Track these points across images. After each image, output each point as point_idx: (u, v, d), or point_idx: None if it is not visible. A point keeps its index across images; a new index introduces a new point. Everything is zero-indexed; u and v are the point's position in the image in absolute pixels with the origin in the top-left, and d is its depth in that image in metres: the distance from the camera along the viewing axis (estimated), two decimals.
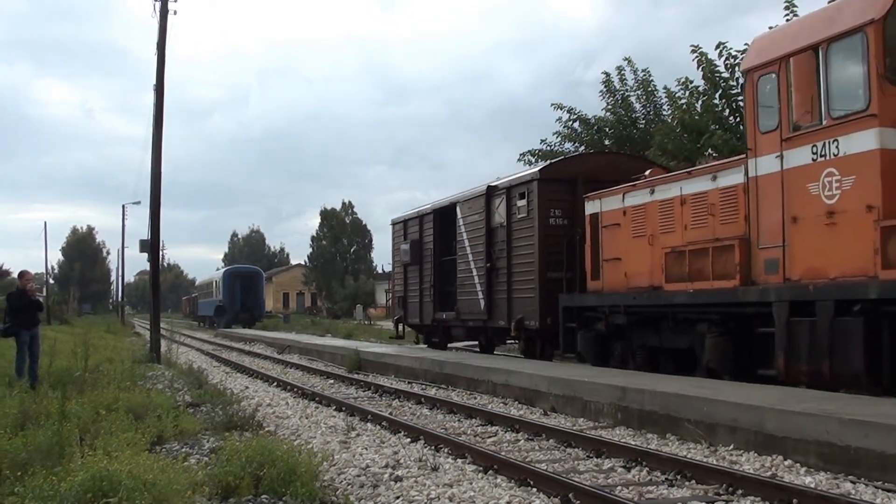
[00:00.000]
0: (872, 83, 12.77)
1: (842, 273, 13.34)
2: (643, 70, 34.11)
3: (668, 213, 17.98)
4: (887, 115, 12.67)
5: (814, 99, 13.97)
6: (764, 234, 14.97)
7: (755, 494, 9.03)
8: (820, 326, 13.39)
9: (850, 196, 13.14)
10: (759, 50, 15.47)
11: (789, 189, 14.30)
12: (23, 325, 19.90)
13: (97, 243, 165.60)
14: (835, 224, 13.43)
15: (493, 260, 24.93)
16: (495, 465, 10.89)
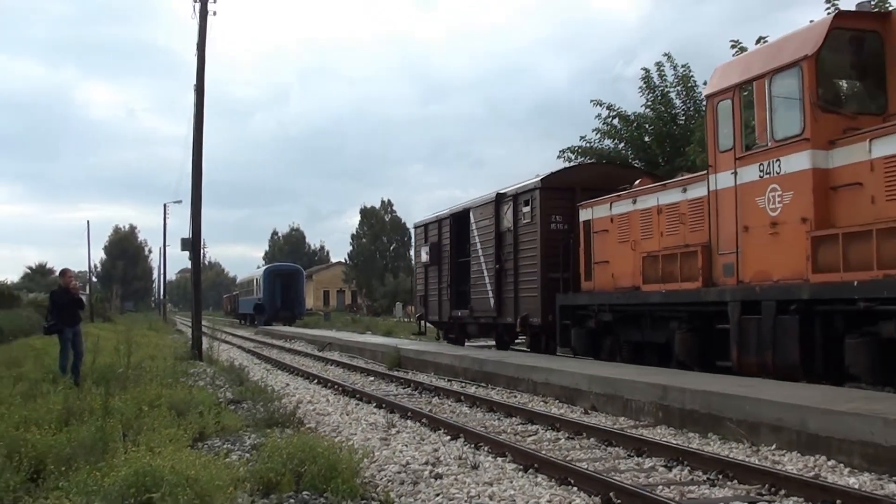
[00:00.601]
0: (807, 110, 14.81)
1: (782, 276, 15.40)
2: (683, 66, 33.95)
3: (647, 221, 20.03)
4: (819, 139, 14.64)
5: (761, 123, 16.04)
6: (722, 241, 17.01)
7: (798, 495, 8.97)
8: (764, 323, 15.40)
9: (789, 209, 15.24)
10: (718, 78, 17.47)
11: (742, 202, 16.38)
12: (66, 323, 20.05)
13: (139, 242, 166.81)
14: (777, 233, 15.56)
15: (501, 261, 26.90)
16: (535, 463, 10.88)
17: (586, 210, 22.73)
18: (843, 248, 13.96)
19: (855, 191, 14.21)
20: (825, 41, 14.83)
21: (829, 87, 15.73)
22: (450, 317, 31.88)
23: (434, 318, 33.97)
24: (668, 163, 32.62)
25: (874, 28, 15.37)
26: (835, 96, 15.96)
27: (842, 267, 13.94)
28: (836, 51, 15.54)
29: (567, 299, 22.97)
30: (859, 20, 15.55)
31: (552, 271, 23.92)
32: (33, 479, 9.33)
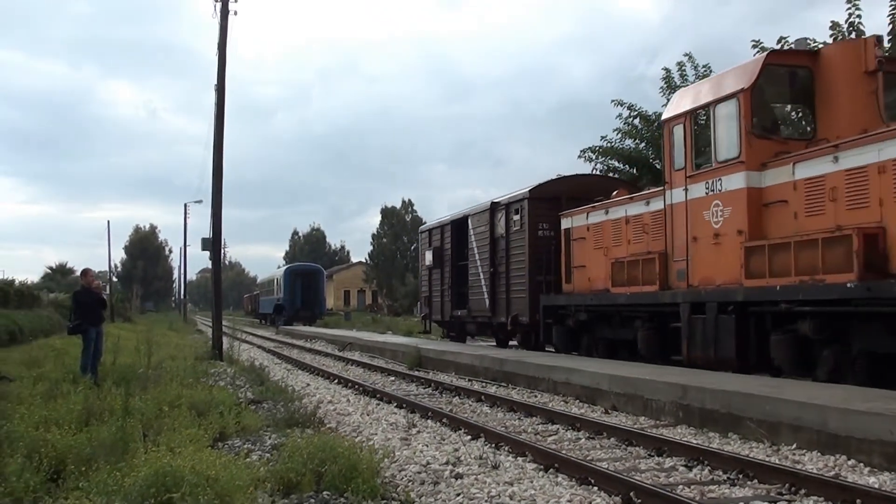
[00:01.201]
0: (743, 136, 17.00)
1: (723, 281, 17.58)
2: (703, 66, 33.85)
3: (617, 230, 22.36)
4: (753, 162, 16.85)
5: (707, 146, 18.27)
6: (676, 249, 19.18)
7: (818, 494, 8.95)
8: (708, 322, 17.61)
9: (728, 222, 17.47)
10: (673, 104, 19.73)
11: (691, 215, 18.60)
12: (90, 323, 20.14)
13: (159, 241, 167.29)
14: (719, 243, 17.74)
15: (495, 265, 29.49)
16: (556, 463, 10.87)
17: (567, 219, 25.14)
18: (769, 257, 15.99)
19: (781, 207, 16.34)
20: (759, 76, 16.98)
21: (764, 115, 17.82)
22: (451, 316, 34.71)
23: (437, 317, 36.76)
24: None
25: (805, 64, 17.46)
26: (771, 123, 18.24)
27: (768, 273, 16.01)
28: (770, 84, 17.78)
29: (549, 300, 25.33)
30: (791, 57, 18.20)
31: (539, 274, 26.20)
32: (53, 479, 9.35)
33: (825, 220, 15.21)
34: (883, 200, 14.15)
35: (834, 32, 26.00)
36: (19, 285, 55.07)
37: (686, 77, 33.74)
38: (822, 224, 15.21)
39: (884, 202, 14.13)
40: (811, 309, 15.13)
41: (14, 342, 35.64)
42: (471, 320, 32.98)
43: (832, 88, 16.98)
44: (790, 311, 15.54)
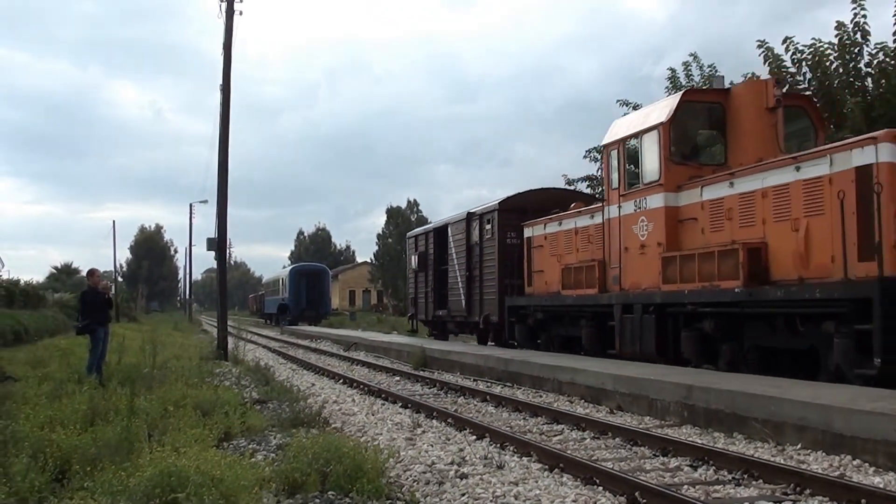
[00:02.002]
0: (662, 163, 19.59)
1: (647, 286, 20.20)
2: (709, 66, 33.83)
3: (568, 240, 24.95)
4: (670, 184, 19.50)
5: (636, 169, 20.92)
6: (612, 257, 21.79)
7: (823, 494, 8.95)
8: (635, 321, 20.24)
9: (651, 235, 20.13)
10: (611, 132, 22.14)
11: (623, 229, 21.23)
12: (99, 323, 20.20)
13: (165, 242, 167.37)
14: (644, 253, 20.37)
15: (471, 269, 32.47)
16: (561, 463, 10.88)
17: (528, 229, 27.69)
18: (680, 266, 18.76)
19: (692, 223, 19.07)
20: (677, 111, 19.52)
21: (682, 145, 20.31)
22: (433, 316, 37.60)
23: (422, 317, 39.61)
24: None
25: (718, 100, 20.10)
26: (690, 150, 20.89)
27: (679, 279, 18.75)
28: (686, 118, 20.22)
29: (512, 301, 28.04)
30: (704, 94, 21.14)
31: (507, 278, 28.92)
32: (58, 479, 9.37)
33: (724, 235, 17.95)
34: (765, 220, 16.87)
35: (839, 32, 25.97)
36: (24, 285, 55.14)
37: (692, 77, 33.69)
38: (721, 238, 17.97)
39: (766, 221, 16.85)
40: (711, 310, 17.92)
41: (19, 342, 35.69)
42: (450, 319, 35.82)
43: (740, 122, 19.61)
44: (695, 311, 18.42)
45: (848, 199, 14.61)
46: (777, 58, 26.92)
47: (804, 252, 15.81)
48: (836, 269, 14.88)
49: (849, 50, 26.08)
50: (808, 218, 15.72)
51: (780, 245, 16.43)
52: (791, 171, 16.19)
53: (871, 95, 25.82)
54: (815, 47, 26.16)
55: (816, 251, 15.58)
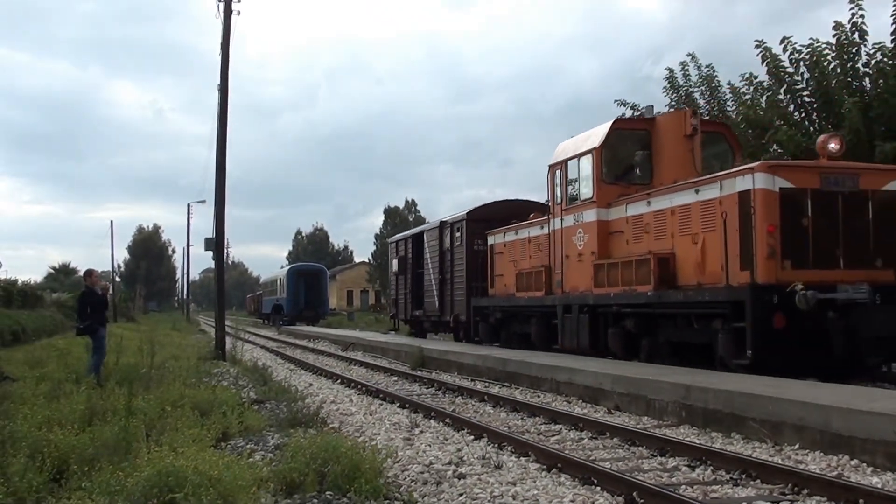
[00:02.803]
0: (595, 183, 22.29)
1: (583, 289, 22.79)
2: (707, 66, 33.82)
3: (523, 247, 27.58)
4: (602, 201, 22.15)
5: (575, 188, 23.51)
6: (555, 264, 24.46)
7: (821, 494, 8.96)
8: (573, 320, 22.96)
9: (586, 245, 22.75)
10: (556, 154, 24.68)
11: (565, 239, 23.92)
12: (100, 323, 20.23)
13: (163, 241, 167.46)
14: (581, 261, 22.98)
15: (443, 273, 35.55)
16: (559, 463, 10.89)
17: (491, 237, 30.46)
18: (608, 272, 21.36)
19: (619, 235, 21.70)
20: (606, 137, 22.16)
21: (612, 167, 22.94)
22: (411, 315, 40.90)
23: (402, 316, 43.03)
24: None
25: (644, 128, 22.83)
26: (620, 172, 23.37)
27: (607, 284, 21.33)
28: (617, 143, 22.85)
29: (477, 301, 31.07)
30: (632, 122, 24.12)
31: (473, 281, 31.87)
32: (56, 479, 9.36)
33: (643, 246, 20.49)
34: (674, 234, 19.49)
35: (837, 32, 25.98)
36: (22, 285, 55.04)
37: (689, 77, 33.72)
38: (640, 249, 20.51)
39: (674, 235, 19.47)
40: (631, 310, 20.75)
41: (17, 342, 35.64)
42: (426, 319, 38.98)
43: (663, 147, 22.20)
44: (620, 311, 21.19)
45: (731, 219, 17.34)
46: (775, 58, 26.92)
47: (701, 262, 18.43)
48: (724, 277, 17.51)
49: (846, 50, 26.08)
50: (705, 233, 18.37)
51: (685, 255, 19.05)
52: (692, 193, 18.97)
53: (869, 95, 25.82)
54: (813, 47, 26.16)
55: (710, 261, 18.17)
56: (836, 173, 17.36)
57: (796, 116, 27.46)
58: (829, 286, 16.30)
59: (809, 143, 25.53)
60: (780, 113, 27.33)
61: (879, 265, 17.27)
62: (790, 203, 16.87)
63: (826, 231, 17.01)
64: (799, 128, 26.58)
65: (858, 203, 17.30)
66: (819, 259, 16.93)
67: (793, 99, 27.28)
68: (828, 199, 17.10)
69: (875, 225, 17.30)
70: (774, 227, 16.72)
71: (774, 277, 16.56)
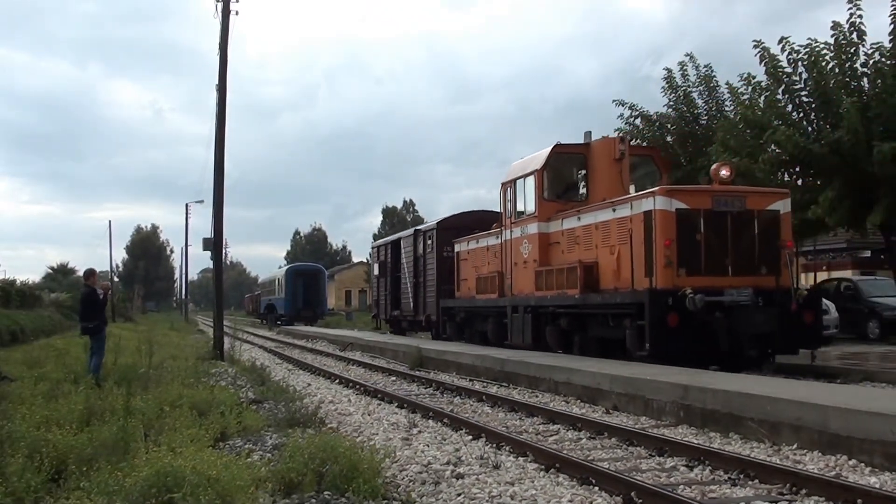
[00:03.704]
0: (537, 200, 25.45)
1: (527, 292, 25.85)
2: (705, 65, 33.84)
3: (482, 255, 30.70)
4: (543, 216, 25.22)
5: (521, 203, 26.70)
6: (507, 270, 27.73)
7: (819, 494, 8.98)
8: (520, 318, 26.14)
9: (530, 254, 25.89)
10: (507, 173, 27.83)
11: (514, 248, 27.24)
12: (104, 323, 20.33)
13: (161, 241, 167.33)
14: (526, 267, 26.11)
15: (417, 277, 38.92)
16: (557, 463, 10.90)
17: (457, 244, 33.69)
18: (546, 278, 24.50)
19: (556, 246, 24.82)
20: (547, 160, 25.24)
21: (553, 186, 26.15)
22: (390, 315, 44.16)
23: (383, 316, 46.34)
24: (689, 163, 32.51)
25: (581, 152, 25.67)
26: (561, 190, 26.60)
27: (545, 287, 24.43)
28: (556, 165, 25.89)
29: (445, 303, 34.33)
30: (570, 147, 25.98)
31: (443, 284, 34.87)
32: (55, 479, 9.36)
33: (574, 255, 23.45)
34: (597, 245, 22.53)
35: (835, 32, 26.01)
36: (21, 285, 55.04)
37: (688, 77, 33.73)
38: (572, 258, 23.43)
39: (598, 246, 22.50)
40: (564, 311, 23.85)
41: (16, 342, 35.67)
42: (403, 318, 42.28)
43: (596, 169, 25.09)
44: (555, 312, 24.29)
45: (637, 234, 20.40)
46: (773, 58, 26.94)
47: (617, 270, 21.37)
48: (631, 283, 20.51)
49: (845, 50, 26.12)
50: (620, 245, 21.31)
51: (605, 264, 21.98)
52: (610, 211, 22.00)
53: (867, 95, 25.87)
54: (812, 47, 26.19)
55: (623, 269, 21.05)
56: (725, 196, 20.36)
57: (794, 116, 27.48)
58: (718, 291, 19.37)
59: (808, 144, 25.59)
60: (779, 113, 27.36)
61: (764, 273, 20.12)
62: (685, 221, 19.76)
63: (716, 244, 19.93)
64: (797, 128, 26.59)
65: (745, 221, 20.23)
66: (710, 267, 19.83)
67: (791, 99, 27.32)
68: (718, 218, 20.00)
69: (760, 239, 20.22)
70: (671, 241, 19.58)
71: (671, 283, 19.39)
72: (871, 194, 25.79)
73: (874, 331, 30.76)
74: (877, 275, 37.05)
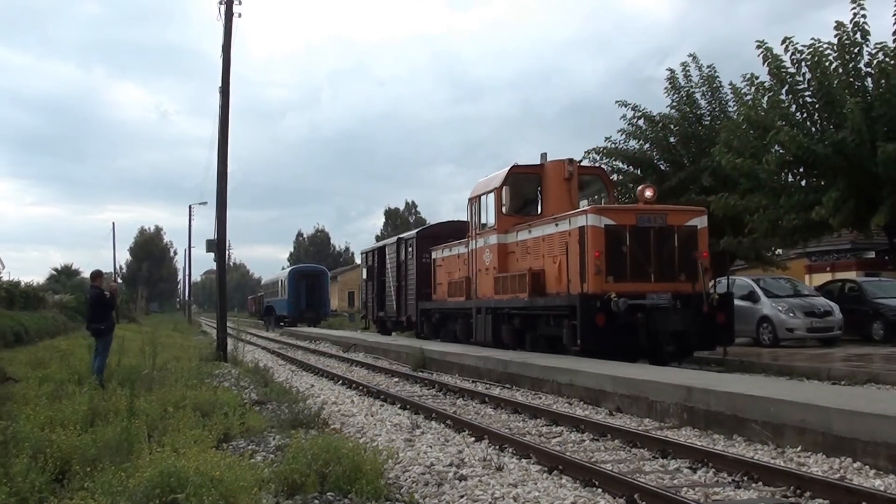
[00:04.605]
0: (497, 214, 28.22)
1: (489, 296, 28.58)
2: (708, 66, 33.88)
3: (454, 262, 33.29)
4: (502, 228, 28.05)
5: (485, 217, 29.48)
6: (473, 276, 30.41)
7: (823, 497, 8.96)
8: (482, 318, 28.91)
9: (491, 262, 28.60)
10: (473, 190, 30.46)
11: (478, 256, 29.92)
12: (113, 324, 20.36)
13: (165, 243, 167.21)
14: (488, 274, 28.74)
15: (399, 281, 42.01)
16: (560, 465, 10.88)
17: (434, 252, 36.36)
18: (503, 283, 27.30)
19: (513, 255, 27.61)
20: (505, 180, 27.89)
21: (511, 202, 28.25)
22: (377, 316, 47.28)
23: (371, 317, 49.61)
24: (693, 164, 32.53)
25: (536, 172, 28.32)
26: (520, 205, 29.17)
27: (502, 291, 27.32)
28: (514, 184, 28.19)
29: (423, 305, 37.20)
30: (526, 168, 28.54)
31: (423, 288, 37.77)
32: (59, 479, 9.39)
33: (526, 264, 26.24)
34: (544, 255, 25.23)
35: (839, 32, 26.00)
36: (25, 287, 54.97)
37: (690, 77, 33.78)
38: (524, 266, 26.22)
39: (544, 256, 25.20)
40: (516, 312, 26.79)
41: (20, 343, 35.64)
42: (388, 319, 45.07)
43: (549, 187, 27.65)
44: (510, 312, 27.20)
45: (573, 246, 22.97)
46: (776, 58, 26.94)
47: (558, 276, 24.05)
48: (572, 288, 22.95)
49: (848, 50, 26.13)
50: (560, 256, 23.90)
51: (550, 271, 24.70)
52: (554, 225, 24.82)
53: (871, 95, 25.86)
54: (815, 47, 26.19)
55: (563, 276, 23.67)
56: (648, 213, 22.94)
57: (798, 117, 27.49)
58: (641, 295, 22.01)
59: (812, 144, 25.56)
60: (782, 113, 27.37)
61: (682, 279, 22.69)
62: (613, 235, 22.43)
63: (640, 255, 22.53)
64: (801, 128, 26.58)
65: (666, 235, 22.84)
66: (635, 275, 22.46)
67: (794, 99, 27.35)
68: (642, 233, 22.65)
69: (679, 250, 22.79)
70: (600, 252, 22.18)
71: (600, 289, 21.95)
72: (876, 195, 25.79)
73: (878, 332, 30.58)
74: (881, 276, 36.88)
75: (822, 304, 29.45)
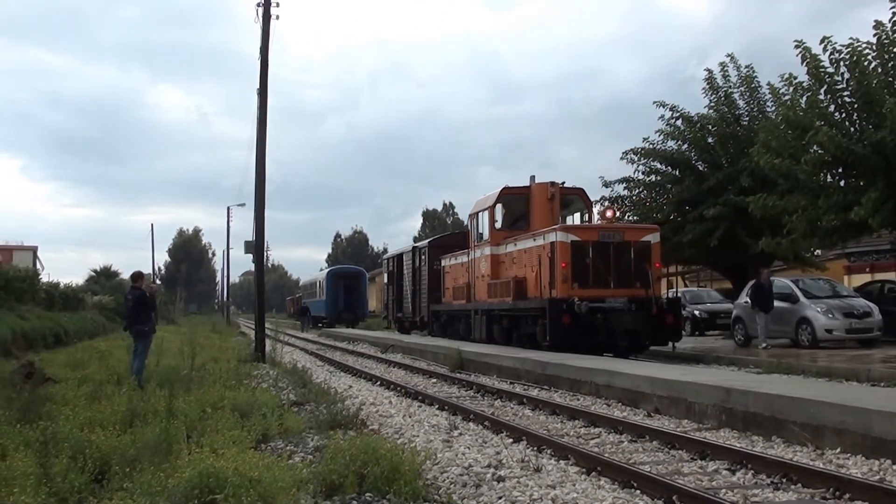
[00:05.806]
0: (490, 229, 32.50)
1: (484, 300, 32.56)
2: (747, 66, 33.72)
3: (459, 269, 37.23)
4: (494, 241, 32.09)
5: (481, 231, 33.64)
6: (472, 282, 34.41)
7: (862, 499, 8.91)
8: (480, 319, 33.02)
9: (486, 270, 32.56)
10: (473, 207, 34.79)
11: (476, 265, 33.89)
12: (154, 325, 20.49)
13: (203, 244, 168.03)
14: (483, 281, 32.81)
15: (415, 285, 46.76)
16: (598, 466, 10.86)
17: (443, 260, 40.99)
18: (494, 288, 31.46)
19: (503, 264, 31.64)
20: (497, 199, 32.19)
21: (503, 218, 32.68)
22: (395, 317, 52.14)
23: (391, 317, 54.21)
24: (731, 164, 32.39)
25: (524, 192, 32.12)
26: (511, 221, 32.90)
27: (494, 296, 31.42)
28: (505, 203, 32.51)
29: (434, 307, 41.88)
30: (515, 189, 32.56)
31: (434, 292, 42.37)
32: (98, 479, 9.43)
33: (512, 272, 30.41)
34: (525, 265, 29.17)
35: (878, 32, 25.80)
36: (64, 288, 55.39)
37: (728, 77, 33.62)
38: (510, 274, 30.47)
39: (526, 266, 29.13)
40: (504, 313, 30.91)
41: (59, 344, 35.93)
42: (405, 319, 49.47)
43: (536, 206, 31.48)
44: (500, 314, 31.30)
45: (545, 257, 27.13)
46: (815, 58, 26.75)
47: (536, 283, 28.02)
48: (541, 293, 27.33)
49: (888, 49, 25.90)
50: (538, 266, 27.75)
51: (530, 279, 28.70)
52: (532, 240, 28.90)
53: None
54: (853, 47, 25.97)
55: (538, 283, 27.71)
56: (609, 231, 27.28)
57: (837, 117, 27.26)
58: (601, 299, 25.99)
59: (851, 144, 25.34)
60: (821, 113, 27.15)
61: (637, 286, 26.53)
62: (578, 249, 26.54)
63: (601, 265, 26.58)
64: (839, 128, 26.38)
65: (624, 249, 26.87)
66: (596, 282, 26.50)
67: (833, 99, 27.12)
68: (603, 247, 26.76)
69: (635, 262, 26.71)
70: (567, 263, 26.33)
71: (567, 294, 26.00)
72: None
73: None
74: None
75: (861, 304, 29.04)
